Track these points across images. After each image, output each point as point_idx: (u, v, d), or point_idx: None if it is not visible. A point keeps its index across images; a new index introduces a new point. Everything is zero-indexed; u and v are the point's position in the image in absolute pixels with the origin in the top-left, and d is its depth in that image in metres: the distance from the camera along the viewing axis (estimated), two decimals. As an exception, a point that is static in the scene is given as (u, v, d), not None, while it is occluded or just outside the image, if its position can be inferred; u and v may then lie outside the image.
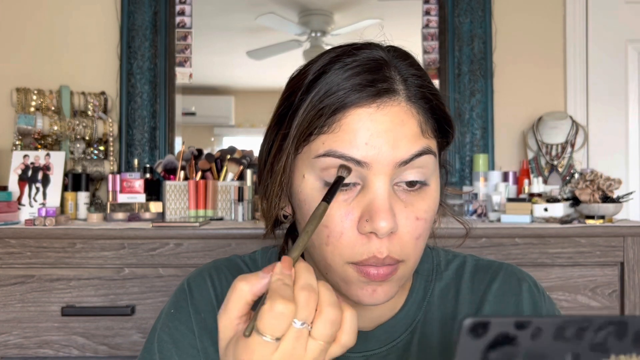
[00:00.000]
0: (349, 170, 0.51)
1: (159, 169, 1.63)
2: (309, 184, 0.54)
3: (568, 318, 0.30)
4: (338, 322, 0.43)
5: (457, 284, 0.66)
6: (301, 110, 0.53)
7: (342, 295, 0.55)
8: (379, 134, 0.51)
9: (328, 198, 0.50)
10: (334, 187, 0.50)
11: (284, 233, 0.67)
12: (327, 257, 0.54)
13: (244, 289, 0.44)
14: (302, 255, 0.64)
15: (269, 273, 0.44)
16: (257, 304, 0.44)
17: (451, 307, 0.64)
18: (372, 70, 0.53)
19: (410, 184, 0.54)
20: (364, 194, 0.52)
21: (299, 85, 0.55)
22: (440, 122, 0.57)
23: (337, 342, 0.44)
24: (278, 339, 0.41)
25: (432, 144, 0.55)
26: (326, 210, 0.49)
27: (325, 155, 0.52)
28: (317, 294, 0.43)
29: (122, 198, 1.50)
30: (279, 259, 0.65)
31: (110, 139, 1.71)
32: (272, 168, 0.58)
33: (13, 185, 1.47)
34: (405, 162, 0.52)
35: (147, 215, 1.49)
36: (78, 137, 1.67)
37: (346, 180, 0.52)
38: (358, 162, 0.51)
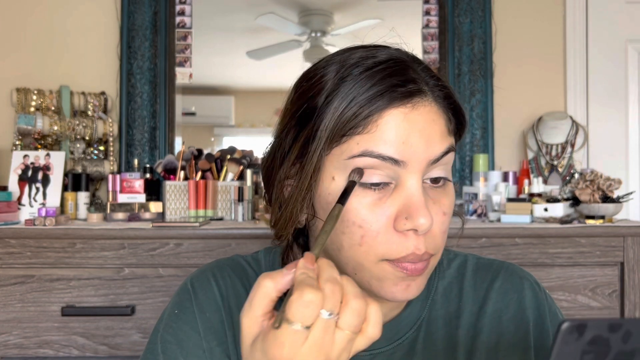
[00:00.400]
0: (361, 173, 0.52)
1: (159, 169, 1.63)
2: (339, 186, 0.54)
3: None
4: (363, 312, 0.44)
5: (460, 282, 0.66)
6: (330, 112, 0.53)
7: (372, 295, 0.56)
8: (415, 133, 0.53)
9: (343, 200, 0.51)
10: (348, 190, 0.51)
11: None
12: (361, 257, 0.54)
13: (268, 286, 0.44)
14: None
15: (292, 269, 0.44)
16: (281, 301, 0.44)
17: (455, 305, 0.65)
18: (401, 72, 0.54)
19: (436, 180, 0.55)
20: (399, 192, 0.53)
21: (321, 87, 0.55)
22: (459, 122, 0.59)
23: (363, 334, 0.45)
24: (307, 328, 0.41)
25: (453, 142, 0.57)
26: (341, 212, 0.50)
27: (362, 156, 0.52)
28: (342, 286, 0.44)
29: (122, 198, 1.50)
30: (282, 259, 0.65)
31: (110, 139, 1.71)
32: (289, 171, 0.57)
33: (13, 185, 1.47)
34: (437, 160, 0.54)
35: (147, 215, 1.49)
36: (78, 137, 1.67)
37: (378, 180, 0.53)
38: (395, 161, 0.52)
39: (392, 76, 0.53)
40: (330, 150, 0.54)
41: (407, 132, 0.52)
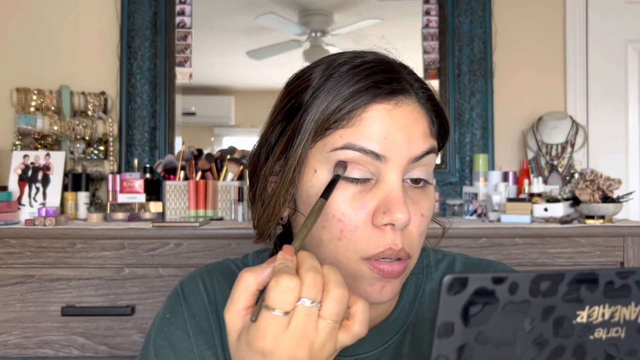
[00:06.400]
0: (345, 167, 0.53)
1: (159, 169, 1.63)
2: (321, 179, 0.55)
3: (542, 272, 0.32)
4: (345, 300, 0.44)
5: None
6: (315, 106, 0.54)
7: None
8: (397, 130, 0.53)
9: (326, 194, 0.51)
10: (332, 184, 0.52)
11: (275, 236, 0.66)
12: (339, 253, 0.54)
13: (249, 279, 0.44)
14: None
15: (272, 264, 0.45)
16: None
17: None
18: (386, 70, 0.55)
19: (416, 181, 0.56)
20: (379, 188, 0.54)
21: (308, 84, 0.56)
22: (442, 126, 0.59)
23: (349, 332, 0.45)
24: (287, 313, 0.42)
25: (435, 144, 0.58)
26: (323, 207, 0.51)
27: (344, 148, 0.53)
28: (323, 276, 0.44)
29: (122, 198, 1.50)
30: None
31: (110, 139, 1.71)
32: (273, 166, 0.58)
33: (13, 185, 1.47)
34: (417, 159, 0.55)
35: (147, 215, 1.49)
36: (78, 137, 1.67)
37: (358, 176, 0.54)
38: (377, 156, 0.53)
39: (376, 73, 0.54)
40: (315, 143, 0.55)
41: (390, 128, 0.53)
